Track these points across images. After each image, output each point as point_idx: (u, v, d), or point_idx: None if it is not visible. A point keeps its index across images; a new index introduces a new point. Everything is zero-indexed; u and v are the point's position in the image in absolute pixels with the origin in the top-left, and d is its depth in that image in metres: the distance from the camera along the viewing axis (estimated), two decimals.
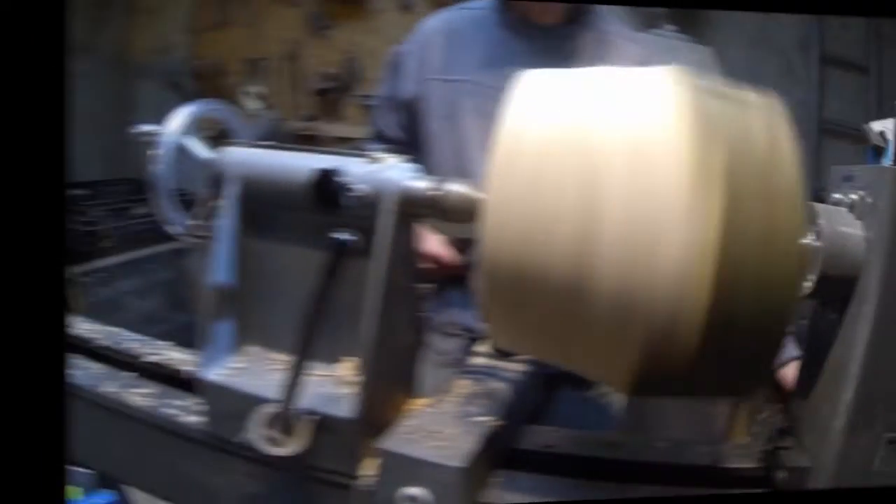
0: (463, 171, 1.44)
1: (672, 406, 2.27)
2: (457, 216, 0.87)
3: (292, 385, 0.82)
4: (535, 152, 0.69)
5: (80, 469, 1.58)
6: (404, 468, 0.81)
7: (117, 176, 3.88)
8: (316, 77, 3.91)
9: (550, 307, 0.69)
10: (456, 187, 0.87)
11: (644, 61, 1.43)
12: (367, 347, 0.85)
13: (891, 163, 0.90)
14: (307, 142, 3.94)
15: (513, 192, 0.69)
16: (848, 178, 0.89)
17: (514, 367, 1.09)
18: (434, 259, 1.41)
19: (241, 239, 1.01)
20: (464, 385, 1.02)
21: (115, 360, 1.25)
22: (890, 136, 0.90)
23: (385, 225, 0.85)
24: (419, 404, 1.01)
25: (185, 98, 3.46)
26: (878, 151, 0.91)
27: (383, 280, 0.85)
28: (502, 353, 1.11)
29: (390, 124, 1.65)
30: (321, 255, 0.96)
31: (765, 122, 0.70)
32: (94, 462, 1.27)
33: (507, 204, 0.69)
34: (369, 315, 0.85)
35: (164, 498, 1.14)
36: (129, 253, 3.62)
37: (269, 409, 0.86)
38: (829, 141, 3.24)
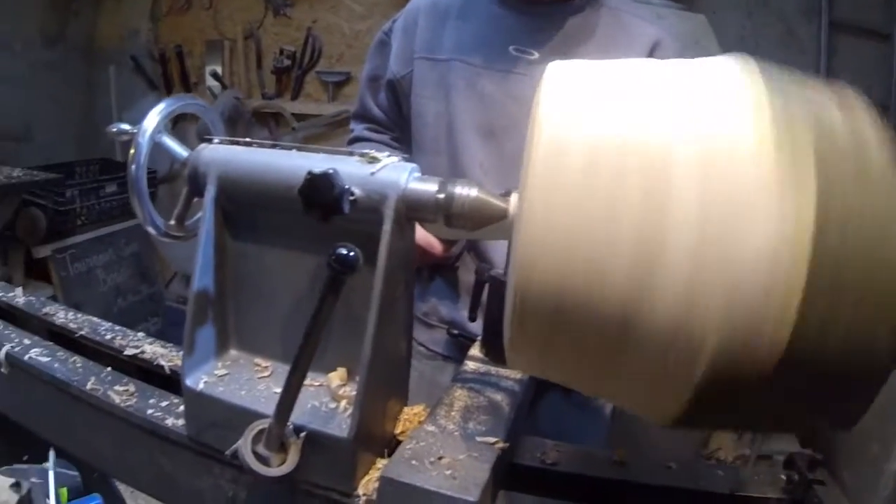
0: (453, 154, 1.40)
1: None
2: (464, 222, 0.80)
3: (287, 402, 0.76)
4: (584, 160, 0.59)
5: (66, 471, 1.53)
6: (412, 499, 0.75)
7: (88, 157, 4.08)
8: (276, 55, 3.85)
9: (595, 336, 0.61)
10: (465, 191, 0.80)
11: (654, 38, 1.39)
12: (366, 362, 0.80)
13: None
14: (268, 119, 3.97)
15: (558, 207, 0.59)
16: None
17: (509, 375, 1.05)
18: (421, 249, 1.36)
19: (222, 240, 0.95)
20: (460, 396, 0.97)
21: (97, 352, 1.21)
22: None
23: (387, 231, 0.79)
24: (413, 415, 0.97)
25: (149, 81, 3.50)
26: None
27: (382, 290, 0.80)
28: (496, 360, 1.06)
29: (376, 103, 1.60)
30: (309, 258, 0.91)
31: (846, 111, 0.59)
32: (77, 453, 1.25)
33: (550, 220, 0.59)
34: (369, 328, 0.80)
35: (149, 494, 1.09)
36: (100, 229, 3.75)
37: (260, 425, 0.81)
38: None
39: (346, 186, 0.77)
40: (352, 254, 0.66)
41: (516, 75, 1.37)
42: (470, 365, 1.08)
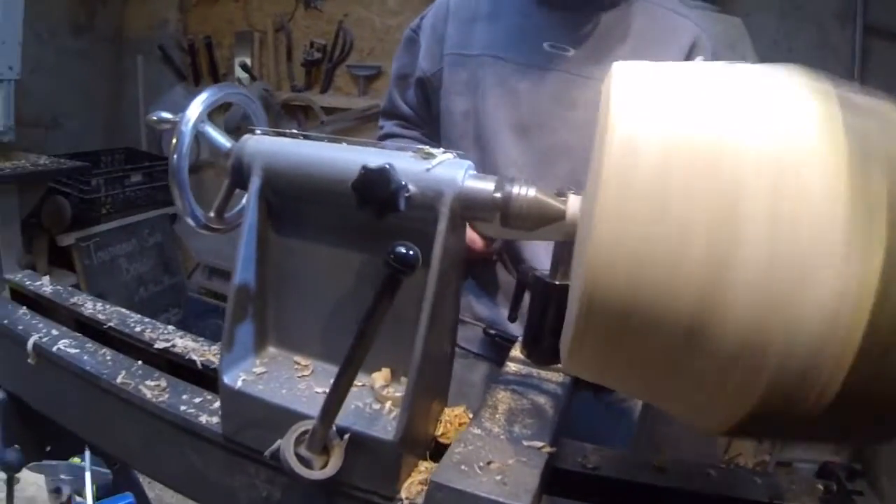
0: (486, 152, 1.37)
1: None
2: (521, 223, 0.77)
3: (334, 404, 0.74)
4: (657, 165, 0.57)
5: (99, 468, 1.52)
6: None
7: (114, 146, 4.08)
8: (306, 48, 3.82)
9: (660, 346, 0.59)
10: (523, 190, 0.78)
11: (693, 35, 1.35)
12: (416, 364, 0.77)
13: None
14: (297, 112, 3.93)
15: (629, 212, 0.57)
16: None
17: (551, 377, 1.02)
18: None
19: (265, 234, 0.92)
20: (504, 398, 0.94)
21: (126, 344, 1.20)
22: None
23: (442, 231, 0.76)
24: (454, 417, 0.94)
25: (177, 71, 3.47)
26: None
27: (435, 292, 0.77)
28: (538, 362, 1.04)
29: (404, 101, 1.58)
30: (355, 255, 0.88)
31: None
32: (108, 448, 1.24)
33: (621, 226, 0.57)
34: (421, 330, 0.77)
35: (179, 491, 1.07)
36: (125, 218, 3.73)
37: (303, 427, 0.78)
38: None
39: (403, 182, 0.74)
40: (411, 252, 0.63)
41: (551, 72, 1.34)
42: (511, 367, 1.05)
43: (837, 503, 0.87)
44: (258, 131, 0.95)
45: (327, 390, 0.83)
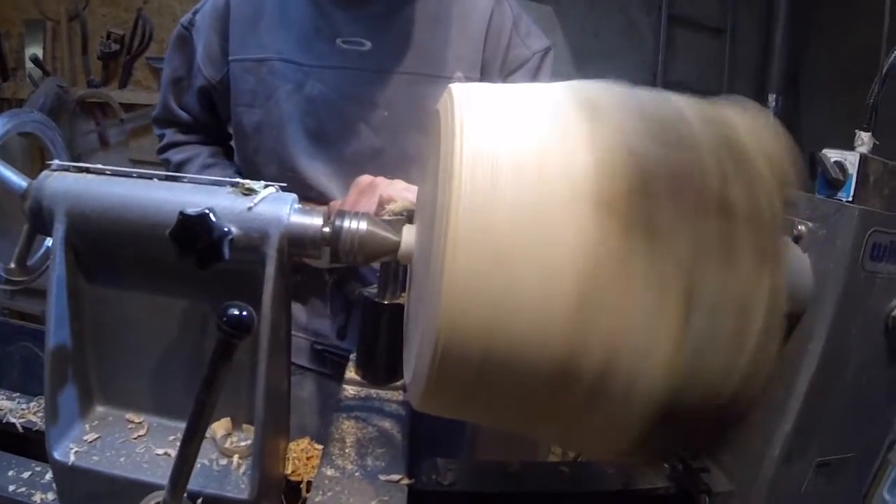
0: (290, 166, 1.28)
1: None
2: (353, 258, 0.74)
3: (183, 475, 0.68)
4: (509, 216, 0.54)
5: None
6: None
7: None
8: (102, 39, 3.54)
9: (524, 391, 0.58)
10: (354, 224, 0.74)
11: (491, 4, 1.30)
12: (260, 416, 0.73)
13: (849, 198, 0.86)
14: (94, 109, 3.64)
15: (484, 260, 0.54)
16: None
17: (391, 397, 1.01)
18: None
19: (76, 285, 0.83)
20: (349, 429, 0.92)
21: None
22: (851, 170, 0.87)
23: (271, 275, 0.72)
24: (301, 452, 0.91)
25: None
26: (833, 183, 0.87)
27: (270, 338, 0.73)
28: (374, 382, 1.01)
29: (180, 106, 1.42)
30: (177, 301, 0.82)
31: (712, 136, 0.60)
32: None
33: (474, 277, 0.54)
34: (260, 380, 0.73)
35: None
36: None
37: (154, 499, 0.71)
38: None
39: (225, 228, 0.69)
40: (244, 314, 0.58)
41: (348, 70, 1.26)
42: (349, 390, 1.03)
43: (686, 480, 0.91)
44: (54, 164, 0.85)
45: (168, 451, 0.78)
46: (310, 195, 1.26)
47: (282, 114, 1.27)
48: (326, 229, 0.74)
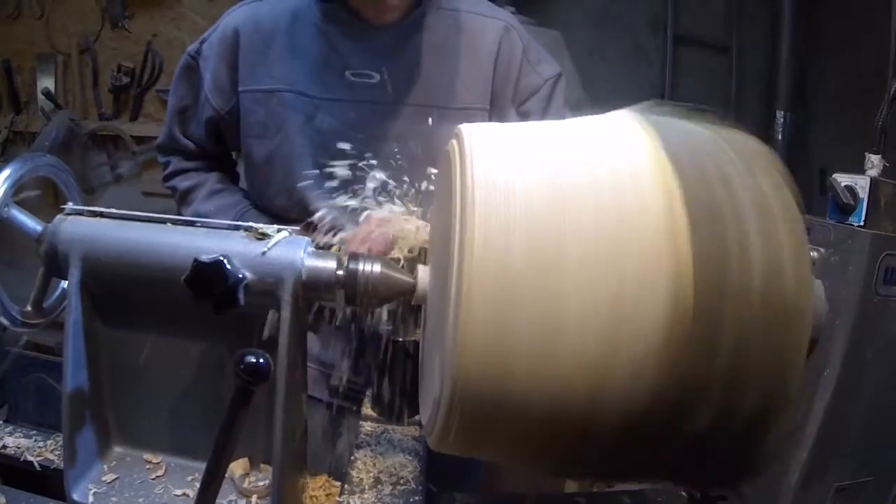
0: (301, 199, 1.25)
1: None
2: (368, 300, 0.75)
3: None
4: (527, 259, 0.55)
5: None
6: None
7: None
8: (113, 72, 3.55)
9: (547, 435, 0.59)
10: (368, 266, 0.74)
11: (500, 28, 1.30)
12: (278, 458, 0.73)
13: (861, 222, 0.86)
14: (106, 142, 3.63)
15: (497, 303, 0.54)
16: None
17: (407, 432, 1.02)
18: None
19: (93, 328, 0.84)
20: (367, 465, 0.93)
21: None
22: (861, 194, 0.87)
23: (286, 319, 0.73)
24: (319, 489, 0.91)
25: None
26: (844, 208, 0.87)
27: (287, 380, 0.73)
28: (391, 419, 1.01)
29: (185, 135, 1.42)
30: (193, 343, 0.83)
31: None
32: None
33: (489, 326, 0.54)
34: (277, 423, 0.73)
35: None
36: None
37: None
38: None
39: (240, 274, 0.69)
40: (262, 361, 0.59)
41: (358, 103, 1.25)
42: (366, 426, 1.03)
43: None
44: (68, 208, 0.86)
45: (186, 492, 0.79)
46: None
47: (293, 147, 1.27)
48: (340, 272, 0.74)
